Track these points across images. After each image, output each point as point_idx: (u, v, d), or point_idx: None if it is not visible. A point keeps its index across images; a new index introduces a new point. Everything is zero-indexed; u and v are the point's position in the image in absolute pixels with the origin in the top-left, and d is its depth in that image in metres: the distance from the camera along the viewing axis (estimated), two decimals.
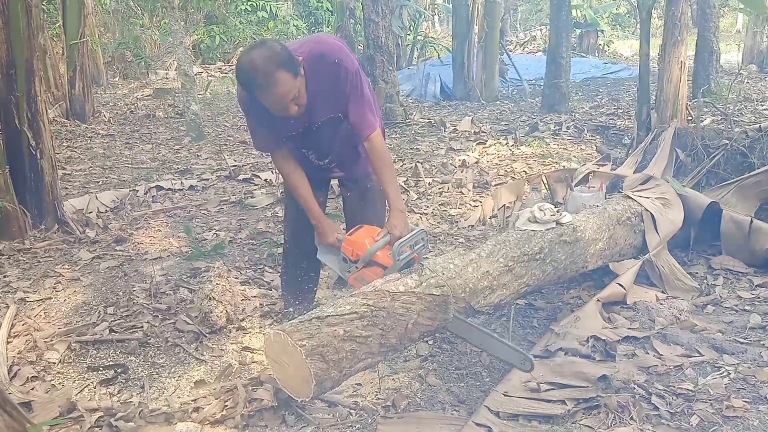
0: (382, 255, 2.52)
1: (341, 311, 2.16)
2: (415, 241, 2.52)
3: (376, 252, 2.51)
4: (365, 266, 2.54)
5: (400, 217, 2.55)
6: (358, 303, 2.21)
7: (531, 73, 11.73)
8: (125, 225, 4.60)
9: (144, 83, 12.87)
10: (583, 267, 3.12)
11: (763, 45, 11.86)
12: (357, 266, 2.55)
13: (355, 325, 2.16)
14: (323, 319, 2.11)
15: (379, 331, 2.21)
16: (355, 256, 2.55)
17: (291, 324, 2.10)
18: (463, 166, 5.91)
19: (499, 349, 2.51)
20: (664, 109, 5.75)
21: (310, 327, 2.08)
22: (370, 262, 2.53)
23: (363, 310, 2.19)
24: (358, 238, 2.58)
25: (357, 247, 2.55)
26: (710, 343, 2.76)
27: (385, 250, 2.52)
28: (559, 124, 7.54)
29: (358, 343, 2.16)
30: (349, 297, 2.27)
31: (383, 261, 2.51)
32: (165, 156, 6.96)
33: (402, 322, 2.28)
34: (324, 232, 2.69)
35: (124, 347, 2.92)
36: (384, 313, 2.23)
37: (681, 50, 5.78)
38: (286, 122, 2.50)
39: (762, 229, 3.43)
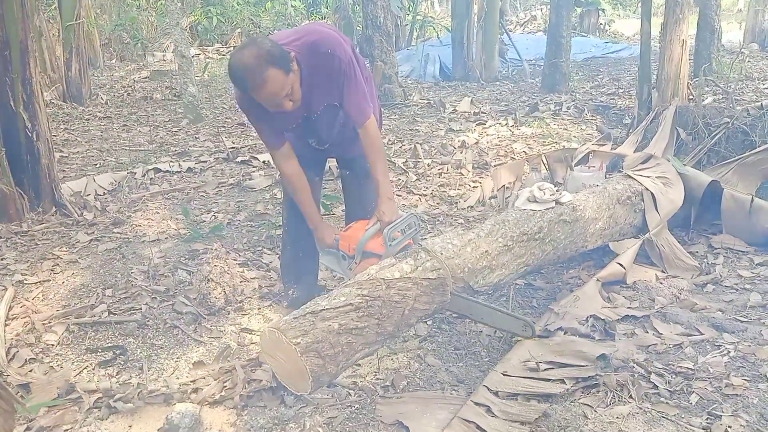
0: (375, 244, 2.53)
1: (336, 303, 2.13)
2: (406, 225, 2.53)
3: (367, 241, 2.52)
4: (362, 259, 2.55)
5: (389, 204, 2.55)
6: (352, 294, 2.18)
7: (531, 53, 11.63)
8: (123, 207, 4.58)
9: (141, 65, 12.77)
10: (583, 246, 3.11)
11: (764, 24, 11.74)
12: (355, 261, 2.56)
13: (350, 317, 2.13)
14: (317, 314, 2.09)
15: (375, 321, 2.19)
16: (351, 251, 2.57)
17: (285, 321, 2.08)
18: (462, 146, 5.88)
19: (500, 320, 2.53)
20: (665, 88, 5.70)
21: (304, 323, 2.06)
22: (365, 253, 2.54)
23: (358, 301, 2.16)
24: (351, 232, 2.62)
25: (351, 241, 2.57)
26: (710, 322, 2.76)
27: (379, 239, 2.53)
28: (559, 105, 7.48)
29: (354, 335, 2.14)
30: (343, 287, 2.24)
31: (377, 250, 2.52)
32: (163, 138, 6.91)
33: (398, 309, 2.27)
34: (322, 236, 2.72)
35: (123, 329, 2.91)
36: (379, 302, 2.20)
37: (682, 29, 5.72)
38: (286, 116, 2.51)
39: (763, 208, 3.41)
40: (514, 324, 2.52)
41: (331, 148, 2.82)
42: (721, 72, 8.56)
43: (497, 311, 2.56)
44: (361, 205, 2.88)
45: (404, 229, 2.52)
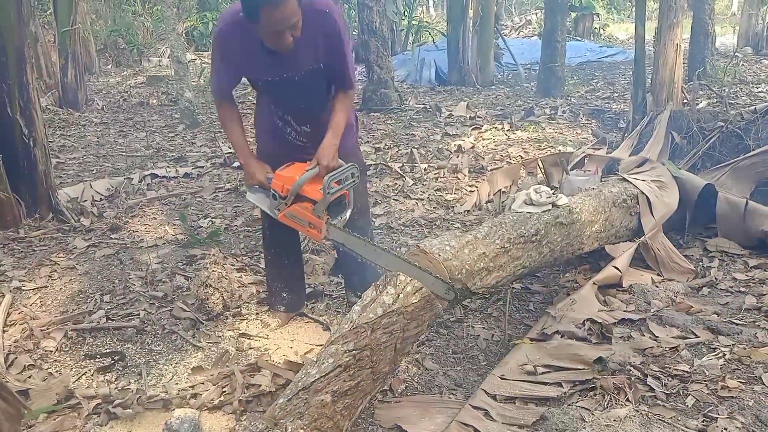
0: (311, 189, 2.44)
1: (325, 369, 2.09)
2: (345, 176, 2.46)
3: (303, 184, 2.44)
4: (294, 201, 2.48)
5: (330, 149, 2.49)
6: (339, 352, 2.13)
7: (526, 57, 11.70)
8: (120, 213, 4.59)
9: (137, 71, 12.80)
10: (579, 249, 3.12)
11: (758, 27, 11.82)
12: (286, 202, 2.49)
13: (341, 380, 2.09)
14: (309, 389, 2.05)
15: (369, 370, 2.16)
16: (284, 191, 2.48)
17: (279, 406, 2.04)
18: (458, 151, 5.90)
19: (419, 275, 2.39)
20: (660, 91, 5.74)
21: (298, 405, 2.03)
22: (298, 196, 2.46)
23: (346, 360, 2.11)
24: (287, 173, 2.50)
25: (286, 181, 2.47)
26: (706, 325, 2.77)
27: (315, 185, 2.44)
28: (554, 109, 7.53)
29: (350, 396, 2.12)
30: (330, 346, 2.18)
31: (313, 195, 2.43)
32: (159, 144, 6.93)
33: (389, 347, 2.23)
34: (253, 171, 2.61)
35: (121, 335, 2.92)
36: (368, 351, 2.16)
37: (677, 33, 5.77)
38: (267, 63, 2.44)
39: (757, 211, 3.43)
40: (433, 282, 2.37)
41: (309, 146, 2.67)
42: (715, 76, 8.62)
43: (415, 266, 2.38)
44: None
45: (343, 179, 2.45)
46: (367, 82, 8.62)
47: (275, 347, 2.83)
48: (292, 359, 2.69)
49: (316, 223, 2.46)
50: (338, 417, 2.11)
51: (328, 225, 2.48)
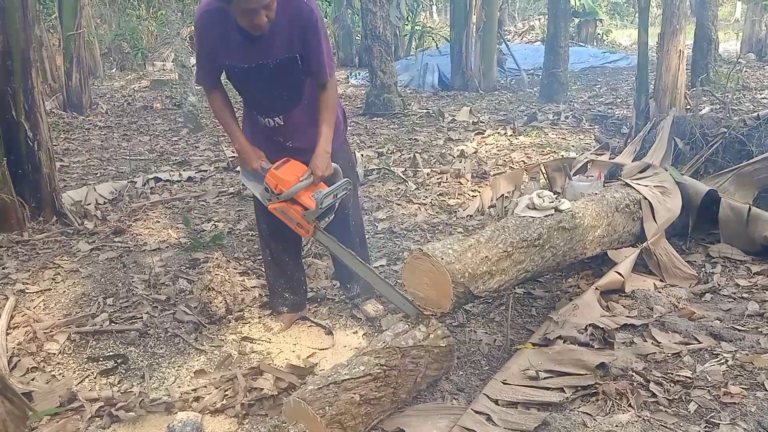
0: (305, 198, 2.56)
1: (356, 373, 2.20)
2: (340, 191, 2.61)
3: (298, 191, 2.56)
4: (287, 201, 2.59)
5: (324, 158, 2.59)
6: (371, 363, 2.25)
7: (529, 62, 11.72)
8: (124, 216, 4.59)
9: (141, 75, 12.85)
10: (582, 254, 3.12)
11: (761, 34, 11.83)
12: (279, 200, 2.59)
13: (369, 387, 2.20)
14: (340, 384, 2.14)
15: (392, 390, 2.27)
16: (278, 190, 2.58)
17: (310, 391, 2.11)
18: (461, 156, 5.91)
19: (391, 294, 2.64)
20: (663, 97, 5.75)
21: (328, 394, 2.11)
22: (292, 200, 2.58)
23: (376, 371, 2.23)
24: (283, 174, 2.59)
25: (281, 183, 2.57)
26: (708, 331, 2.77)
27: (308, 193, 2.57)
28: (557, 114, 7.53)
29: (373, 405, 2.21)
30: (362, 356, 2.30)
31: (306, 203, 2.56)
32: (163, 147, 6.95)
33: (412, 377, 2.36)
34: (248, 158, 2.69)
35: (124, 338, 2.92)
36: (396, 372, 2.29)
37: (680, 39, 5.77)
38: (243, 49, 2.48)
39: (761, 217, 3.43)
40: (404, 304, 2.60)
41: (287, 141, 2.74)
42: (718, 82, 8.61)
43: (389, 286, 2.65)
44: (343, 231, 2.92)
45: (336, 194, 2.60)
46: (370, 87, 8.64)
47: (278, 351, 2.83)
48: (294, 363, 2.69)
49: (304, 225, 2.61)
50: (359, 420, 2.16)
51: (316, 230, 2.65)
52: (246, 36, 2.44)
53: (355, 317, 3.10)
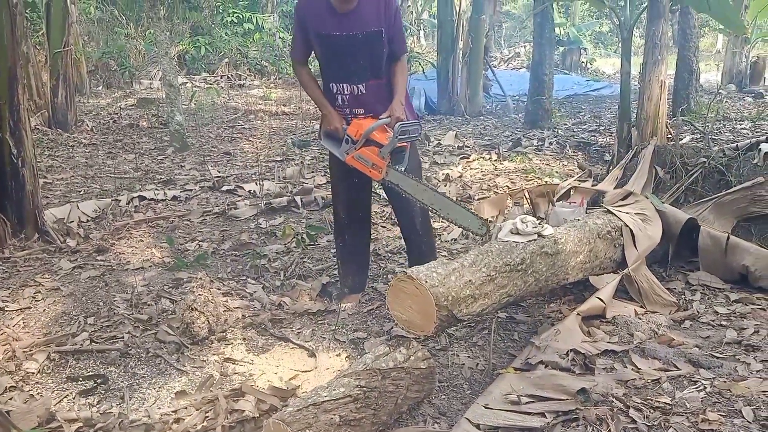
0: (380, 135, 2.95)
1: (336, 395, 2.19)
2: (411, 128, 2.95)
3: (375, 130, 2.94)
4: (363, 145, 2.97)
5: (400, 106, 3.04)
6: (351, 385, 2.25)
7: (514, 89, 11.87)
8: (107, 235, 4.56)
9: (128, 93, 12.82)
10: (564, 279, 3.15)
11: (741, 65, 12.10)
12: (356, 146, 2.99)
13: (349, 409, 2.19)
14: (319, 406, 2.13)
15: (372, 412, 2.26)
16: (357, 136, 2.98)
17: (290, 413, 2.10)
18: (446, 180, 5.96)
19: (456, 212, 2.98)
20: (645, 126, 5.86)
21: (307, 416, 2.09)
22: (368, 141, 2.95)
23: (356, 393, 2.23)
24: (363, 121, 3.04)
25: (360, 127, 2.99)
26: (687, 358, 2.80)
27: (384, 133, 2.96)
28: (541, 140, 7.63)
29: (353, 427, 2.19)
30: (342, 378, 2.30)
31: (380, 140, 2.94)
32: (148, 166, 6.93)
33: (392, 399, 2.36)
34: (333, 118, 3.13)
35: (105, 358, 2.90)
36: (376, 394, 2.29)
37: (661, 69, 5.90)
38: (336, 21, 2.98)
39: (739, 246, 3.49)
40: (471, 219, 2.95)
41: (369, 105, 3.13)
42: (699, 112, 8.79)
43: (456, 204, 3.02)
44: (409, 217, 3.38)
45: (409, 131, 2.93)
46: None
47: (260, 372, 2.82)
48: (276, 385, 2.68)
49: (379, 164, 2.96)
50: None
51: (389, 168, 2.97)
52: (338, 12, 2.97)
53: (338, 340, 3.10)
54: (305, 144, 7.79)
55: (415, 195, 3.00)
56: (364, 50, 3.03)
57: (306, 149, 7.64)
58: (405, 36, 3.16)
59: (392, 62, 3.14)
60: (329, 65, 3.13)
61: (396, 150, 2.96)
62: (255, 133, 8.89)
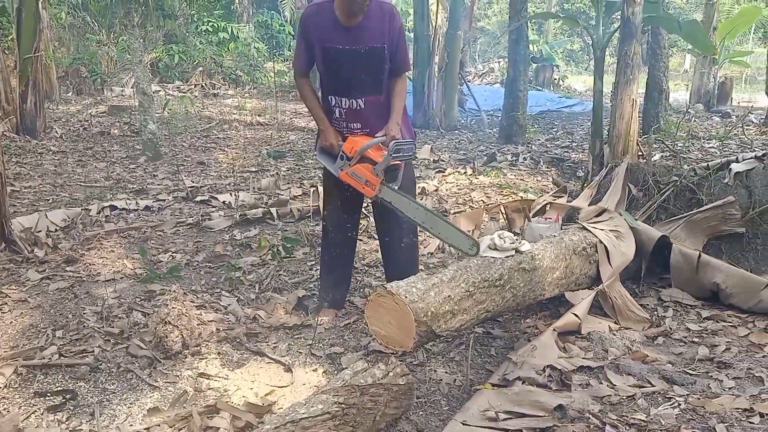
0: (375, 152, 2.98)
1: (314, 412, 2.15)
2: (405, 147, 2.96)
3: (369, 148, 2.98)
4: (358, 162, 3.00)
5: (396, 127, 3.08)
6: (329, 401, 2.22)
7: (489, 103, 12.00)
8: (76, 245, 4.47)
9: (99, 100, 12.64)
10: (541, 295, 3.17)
11: (709, 85, 12.40)
12: (351, 162, 3.02)
13: (327, 426, 2.16)
14: (297, 423, 2.10)
15: (350, 429, 2.24)
16: (352, 152, 3.01)
17: (267, 431, 2.08)
18: (422, 193, 5.97)
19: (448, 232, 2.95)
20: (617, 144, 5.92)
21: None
22: (363, 158, 2.99)
23: (335, 410, 2.20)
24: (358, 138, 3.07)
25: (356, 144, 3.02)
26: (661, 374, 2.83)
27: (379, 151, 2.99)
28: (516, 155, 7.70)
29: None
30: (320, 394, 2.26)
31: (374, 157, 2.97)
32: (119, 175, 6.82)
33: (371, 415, 2.33)
34: (329, 134, 3.17)
35: (74, 372, 2.82)
36: (354, 410, 2.26)
37: (633, 89, 5.99)
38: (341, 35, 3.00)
39: (710, 264, 3.56)
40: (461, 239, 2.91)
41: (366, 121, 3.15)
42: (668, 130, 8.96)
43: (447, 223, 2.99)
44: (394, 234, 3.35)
45: (403, 150, 2.95)
46: None
47: (235, 388, 2.77)
48: (252, 401, 2.64)
49: (372, 181, 2.98)
50: None
51: (382, 185, 2.98)
52: (343, 27, 3.00)
53: (315, 355, 3.07)
54: (281, 155, 7.75)
55: (407, 213, 2.99)
56: (365, 65, 3.05)
57: (281, 160, 7.60)
58: (408, 53, 3.19)
59: (393, 78, 3.16)
60: (330, 78, 3.13)
61: (390, 168, 2.97)
62: (229, 143, 8.83)
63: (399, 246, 3.38)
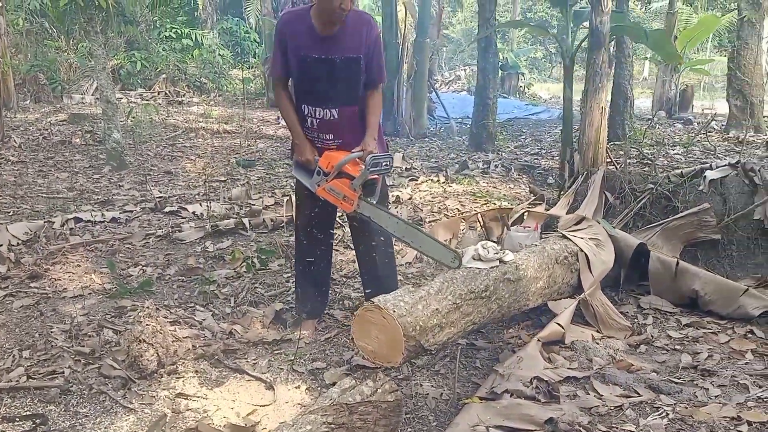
0: (352, 168, 2.92)
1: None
2: (383, 161, 2.89)
3: (347, 163, 2.91)
4: (335, 177, 2.93)
5: (373, 142, 3.01)
6: (318, 422, 2.15)
7: (457, 111, 12.05)
8: (40, 260, 4.29)
9: (58, 107, 12.31)
10: (525, 305, 3.15)
11: (671, 93, 12.68)
12: (327, 178, 2.95)
13: None
14: None
15: None
16: (329, 168, 2.94)
17: None
18: (397, 202, 5.92)
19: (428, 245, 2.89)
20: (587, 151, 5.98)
21: None
22: (340, 173, 2.92)
23: (324, 430, 2.13)
24: (335, 153, 3.00)
25: (332, 159, 2.95)
26: (647, 384, 2.82)
27: (356, 166, 2.92)
28: (487, 163, 7.72)
29: None
30: (308, 415, 2.19)
31: (352, 172, 2.91)
32: (83, 185, 6.61)
33: None
34: (305, 149, 3.09)
35: (44, 395, 2.67)
36: (344, 430, 2.20)
37: (602, 97, 6.06)
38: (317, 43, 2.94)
39: (688, 271, 3.58)
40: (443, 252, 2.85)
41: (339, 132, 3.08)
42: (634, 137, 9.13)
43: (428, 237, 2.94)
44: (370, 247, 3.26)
45: (380, 164, 2.88)
46: None
47: (215, 408, 2.66)
48: (234, 421, 2.54)
49: (350, 196, 2.91)
50: None
51: (360, 200, 2.92)
52: (319, 36, 2.94)
53: (297, 371, 2.98)
54: (250, 164, 7.63)
55: (387, 227, 2.93)
56: (341, 75, 2.98)
57: (251, 169, 7.47)
58: (384, 65, 3.15)
59: (368, 90, 3.10)
60: (304, 87, 3.07)
61: (367, 182, 2.92)
62: (197, 151, 8.66)
63: (376, 258, 3.31)
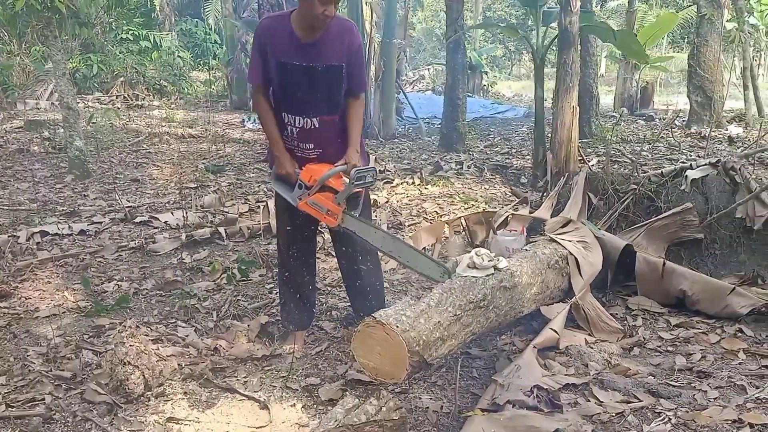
0: (336, 181, 2.86)
1: None
2: (367, 174, 2.81)
3: (330, 177, 2.84)
4: (318, 191, 2.86)
5: (356, 154, 2.95)
6: None
7: (424, 111, 12.02)
8: (7, 277, 4.08)
9: (12, 114, 11.84)
10: (520, 312, 3.12)
11: (632, 90, 12.90)
12: (310, 192, 2.88)
13: None
14: None
15: None
16: (311, 181, 2.87)
17: None
18: (374, 206, 5.83)
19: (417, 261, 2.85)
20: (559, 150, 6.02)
21: None
22: (323, 187, 2.85)
23: None
24: (317, 166, 2.92)
25: (315, 173, 2.87)
26: (645, 388, 2.81)
27: (339, 179, 2.86)
28: (459, 164, 7.69)
29: None
30: None
31: (336, 186, 2.85)
32: (46, 196, 6.35)
33: None
34: (285, 162, 2.99)
35: (25, 425, 2.52)
36: None
37: (572, 96, 6.11)
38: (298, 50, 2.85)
39: (675, 271, 3.60)
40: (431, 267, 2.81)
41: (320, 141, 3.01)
42: (600, 135, 9.24)
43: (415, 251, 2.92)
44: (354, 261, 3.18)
45: (364, 177, 2.81)
46: None
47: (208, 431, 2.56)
48: None
49: (334, 210, 2.85)
50: None
51: (344, 213, 2.85)
52: (300, 43, 2.85)
53: (290, 387, 2.88)
54: (220, 169, 7.45)
55: (373, 241, 2.87)
56: (322, 83, 2.90)
57: (221, 175, 7.30)
58: (365, 73, 3.07)
59: (349, 99, 3.02)
60: (285, 95, 2.97)
61: (351, 195, 2.86)
62: (162, 157, 8.42)
63: (361, 272, 3.22)
